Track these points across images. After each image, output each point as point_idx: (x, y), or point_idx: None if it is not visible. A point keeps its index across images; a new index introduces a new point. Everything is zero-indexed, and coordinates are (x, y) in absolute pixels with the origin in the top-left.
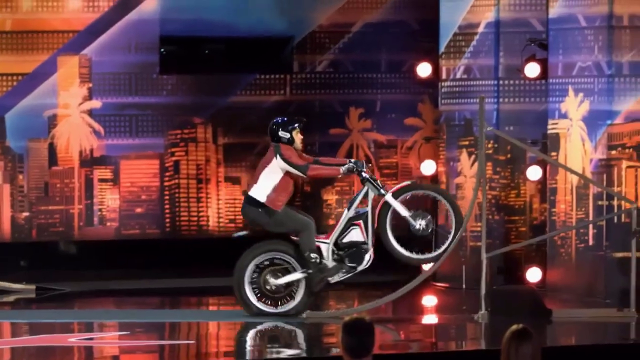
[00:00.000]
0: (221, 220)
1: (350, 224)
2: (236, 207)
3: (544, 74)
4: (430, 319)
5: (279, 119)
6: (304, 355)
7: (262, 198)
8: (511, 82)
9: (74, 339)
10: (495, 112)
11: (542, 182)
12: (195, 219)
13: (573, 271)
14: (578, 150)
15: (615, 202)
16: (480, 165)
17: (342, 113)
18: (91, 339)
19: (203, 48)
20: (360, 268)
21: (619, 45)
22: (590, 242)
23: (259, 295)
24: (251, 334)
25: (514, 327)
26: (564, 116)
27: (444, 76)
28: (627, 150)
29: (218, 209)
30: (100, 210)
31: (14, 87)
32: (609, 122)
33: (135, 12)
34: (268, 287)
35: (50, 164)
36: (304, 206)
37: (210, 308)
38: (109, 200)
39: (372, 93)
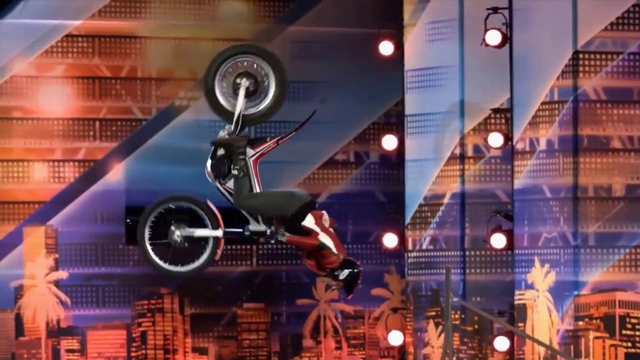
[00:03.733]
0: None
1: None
2: None
3: (510, 245)
4: None
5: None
6: None
7: None
8: (477, 252)
9: None
10: (461, 282)
11: (510, 352)
12: None
13: None
14: (545, 321)
15: None
16: (446, 336)
17: (309, 283)
18: None
19: (170, 219)
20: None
21: (584, 216)
22: None
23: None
24: None
25: None
26: (530, 287)
27: (410, 247)
28: (594, 321)
29: None
30: None
31: None
32: (575, 292)
33: (101, 183)
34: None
35: (17, 335)
36: None
37: None
38: None
39: None
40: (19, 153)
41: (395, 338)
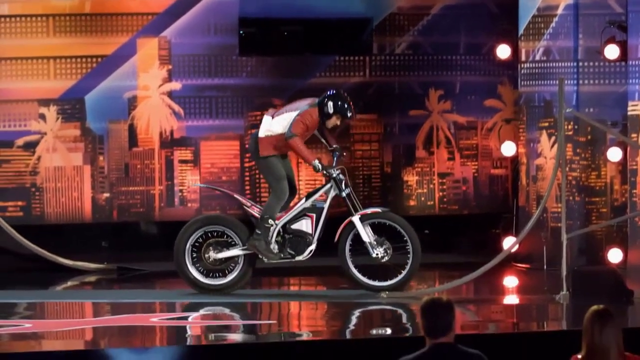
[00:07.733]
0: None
1: (303, 213)
2: (317, 186)
3: (624, 56)
4: (511, 299)
5: (341, 95)
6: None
7: (261, 134)
8: (591, 64)
9: (155, 319)
10: (575, 93)
11: (623, 163)
12: None
13: None
14: None
15: None
16: (560, 147)
17: (421, 95)
18: (173, 319)
19: (282, 30)
20: (298, 258)
21: None
22: None
23: (200, 269)
24: (335, 314)
25: (595, 307)
26: None
27: (523, 58)
28: None
29: (298, 189)
30: (180, 191)
31: (93, 69)
32: None
33: None
34: (209, 260)
35: (131, 145)
36: (384, 187)
37: (291, 288)
38: (189, 181)
39: (452, 75)
40: None
41: (508, 148)
